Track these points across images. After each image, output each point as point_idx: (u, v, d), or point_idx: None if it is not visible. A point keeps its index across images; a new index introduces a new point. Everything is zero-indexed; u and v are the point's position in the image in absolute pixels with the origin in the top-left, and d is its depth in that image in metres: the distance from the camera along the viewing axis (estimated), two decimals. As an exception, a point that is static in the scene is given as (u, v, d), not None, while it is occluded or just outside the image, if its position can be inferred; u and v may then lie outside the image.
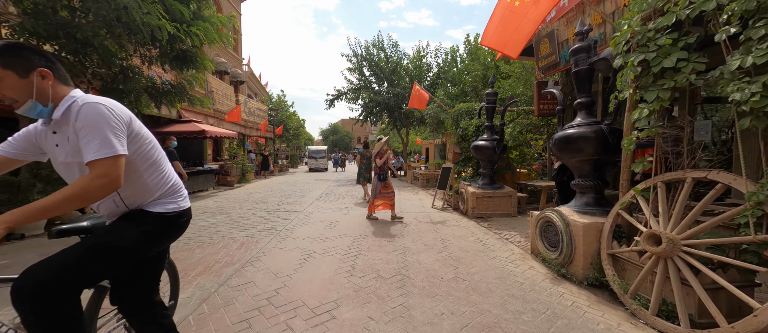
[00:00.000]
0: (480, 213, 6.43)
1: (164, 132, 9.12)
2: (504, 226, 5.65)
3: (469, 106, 8.05)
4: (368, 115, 18.25)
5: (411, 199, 9.17)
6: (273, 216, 6.45)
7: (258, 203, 8.10)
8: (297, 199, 9.00)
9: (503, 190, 6.53)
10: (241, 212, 6.84)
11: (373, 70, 17.43)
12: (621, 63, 2.83)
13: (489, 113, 6.59)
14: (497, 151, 6.36)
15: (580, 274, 3.16)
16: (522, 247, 4.38)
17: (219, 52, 16.83)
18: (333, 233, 5.08)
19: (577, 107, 3.83)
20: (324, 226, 5.62)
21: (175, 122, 9.58)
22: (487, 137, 6.56)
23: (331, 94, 18.15)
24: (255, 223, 5.73)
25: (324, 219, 6.22)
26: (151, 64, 6.03)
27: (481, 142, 6.55)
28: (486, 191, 6.45)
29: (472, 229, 5.46)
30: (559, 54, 5.71)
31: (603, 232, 3.07)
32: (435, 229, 5.48)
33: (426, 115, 13.50)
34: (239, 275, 3.29)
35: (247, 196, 9.58)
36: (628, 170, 3.05)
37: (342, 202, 8.50)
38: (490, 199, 6.45)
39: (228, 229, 5.30)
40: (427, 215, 6.72)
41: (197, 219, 6.07)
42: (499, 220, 6.21)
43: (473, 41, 19.50)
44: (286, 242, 4.55)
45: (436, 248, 4.32)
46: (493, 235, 5.06)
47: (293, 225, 5.65)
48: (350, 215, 6.61)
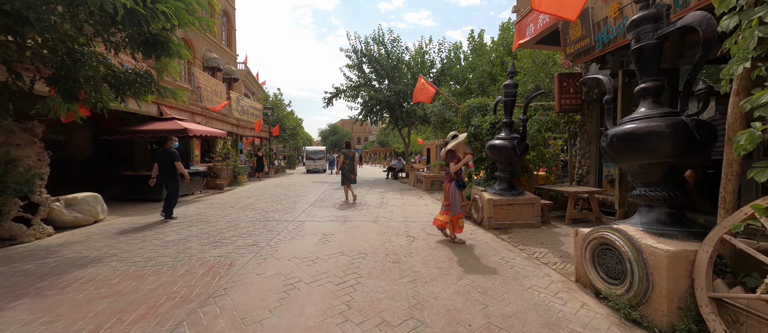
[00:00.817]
0: (497, 223, 5.56)
1: (142, 131, 8.24)
2: (529, 240, 4.77)
3: (481, 102, 7.19)
4: (368, 114, 17.39)
5: (415, 204, 8.30)
6: (258, 227, 5.57)
7: (244, 210, 7.22)
8: (289, 204, 8.12)
9: (524, 196, 5.66)
10: (222, 222, 5.96)
11: (374, 67, 16.57)
12: (734, 23, 1.96)
13: (508, 108, 5.72)
14: (518, 152, 5.49)
15: (663, 322, 2.29)
16: (561, 272, 3.50)
17: (210, 47, 15.97)
18: (326, 251, 4.21)
19: (641, 94, 2.95)
20: (316, 240, 4.74)
21: (155, 120, 8.72)
22: (506, 136, 5.69)
23: (329, 91, 17.31)
24: (235, 237, 4.85)
25: (317, 230, 5.34)
26: (117, 50, 5.16)
27: (498, 142, 5.68)
28: (504, 198, 5.58)
29: (492, 245, 4.59)
30: (594, 36, 4.84)
31: (697, 265, 2.20)
32: (447, 243, 4.61)
33: (430, 112, 12.64)
34: (192, 322, 2.41)
35: (235, 201, 8.70)
36: (735, 178, 2.17)
37: (339, 208, 7.62)
38: (509, 207, 5.58)
39: (200, 245, 4.42)
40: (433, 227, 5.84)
41: (167, 232, 5.20)
42: (520, 231, 5.34)
43: (477, 37, 18.72)
44: (267, 265, 3.67)
45: (453, 273, 3.44)
46: (518, 253, 4.19)
47: (280, 239, 4.77)
48: (348, 226, 5.74)
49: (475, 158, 6.90)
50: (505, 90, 5.66)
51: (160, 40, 5.24)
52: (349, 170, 8.40)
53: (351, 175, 8.44)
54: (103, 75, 4.79)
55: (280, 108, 21.98)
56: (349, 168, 8.38)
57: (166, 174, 6.21)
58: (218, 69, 16.10)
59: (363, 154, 50.04)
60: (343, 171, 8.42)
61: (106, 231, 5.28)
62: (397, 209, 7.51)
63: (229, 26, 18.92)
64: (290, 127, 22.40)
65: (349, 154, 8.42)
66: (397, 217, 6.53)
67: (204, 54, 15.29)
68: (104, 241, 4.63)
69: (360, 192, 10.92)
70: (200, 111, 11.01)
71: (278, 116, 21.21)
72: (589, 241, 2.97)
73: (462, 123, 7.25)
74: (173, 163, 6.21)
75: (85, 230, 5.34)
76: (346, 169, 8.39)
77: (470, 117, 7.09)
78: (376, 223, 5.94)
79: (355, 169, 8.54)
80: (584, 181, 7.07)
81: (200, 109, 11.04)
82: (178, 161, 6.23)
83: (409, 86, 15.62)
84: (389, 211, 7.29)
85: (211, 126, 11.49)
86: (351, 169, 8.40)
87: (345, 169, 8.40)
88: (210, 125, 11.35)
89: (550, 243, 4.65)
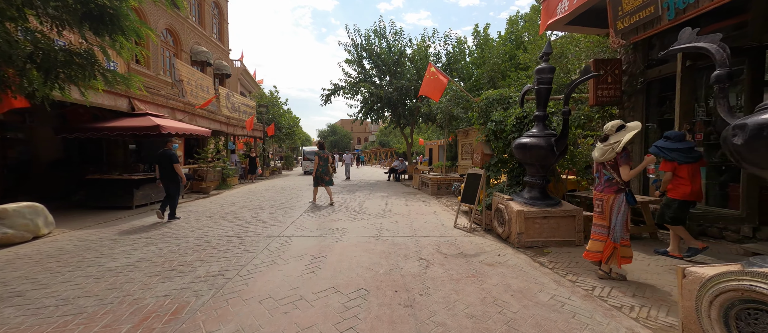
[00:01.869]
0: (530, 240, 4.49)
1: (107, 128, 7.16)
2: (577, 267, 3.70)
3: (502, 93, 6.12)
4: (368, 112, 16.30)
5: (423, 212, 7.23)
6: (233, 246, 4.49)
7: (224, 221, 6.14)
8: (278, 213, 7.04)
9: (562, 207, 4.59)
10: (191, 238, 4.89)
11: (374, 62, 15.49)
12: None
13: (541, 98, 4.65)
14: (556, 152, 4.42)
15: None
16: (651, 326, 2.43)
17: (200, 40, 14.91)
18: (314, 286, 3.14)
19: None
20: (303, 267, 3.67)
21: (125, 116, 7.64)
22: (539, 132, 4.62)
23: (327, 88, 16.21)
24: (198, 263, 3.78)
25: (306, 250, 4.27)
26: (59, 26, 4.10)
27: (529, 140, 4.61)
28: (538, 209, 4.51)
29: (530, 272, 3.52)
30: (662, 2, 3.76)
31: None
32: (474, 272, 3.54)
33: (436, 109, 11.57)
34: None
35: (217, 208, 7.63)
36: None
37: (335, 218, 6.55)
38: (544, 220, 4.51)
39: (148, 276, 3.34)
40: (452, 242, 4.77)
41: (116, 255, 4.12)
42: (559, 251, 4.27)
43: (483, 32, 17.65)
44: (226, 312, 2.60)
45: (495, 328, 2.38)
46: (572, 288, 3.11)
47: (256, 265, 3.70)
48: (344, 243, 4.67)
49: (495, 160, 5.83)
50: (539, 76, 4.58)
51: (109, 13, 4.17)
52: (324, 172, 8.07)
53: (325, 177, 8.10)
54: (28, 53, 3.71)
55: (276, 106, 20.90)
56: (324, 169, 8.07)
57: (166, 176, 6.14)
58: (208, 63, 15.03)
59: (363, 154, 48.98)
60: (317, 172, 8.08)
61: (39, 251, 4.20)
62: (403, 219, 6.44)
63: (221, 19, 17.85)
64: (287, 126, 21.31)
65: (323, 155, 8.11)
66: (403, 231, 5.47)
67: (192, 47, 14.22)
68: (25, 269, 3.55)
69: (360, 197, 9.86)
70: (183, 107, 9.94)
71: (274, 115, 20.13)
72: (719, 293, 1.89)
73: (479, 118, 6.19)
74: (172, 165, 6.12)
75: (14, 250, 4.26)
76: (320, 170, 8.06)
77: (489, 111, 6.02)
78: (379, 240, 4.87)
79: (330, 171, 8.29)
80: (623, 186, 6.00)
81: (183, 105, 9.97)
82: (177, 163, 6.14)
83: (412, 82, 14.54)
84: (394, 221, 6.22)
85: (195, 124, 10.42)
86: (325, 170, 8.09)
87: (319, 170, 8.06)
88: (194, 123, 10.28)
89: (607, 271, 3.57)
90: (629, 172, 3.07)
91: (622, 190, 3.14)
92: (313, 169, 8.25)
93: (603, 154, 3.19)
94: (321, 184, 8.17)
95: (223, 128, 12.96)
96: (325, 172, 8.08)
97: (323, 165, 8.07)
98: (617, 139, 3.10)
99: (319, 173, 8.07)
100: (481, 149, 6.05)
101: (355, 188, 12.48)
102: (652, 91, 5.60)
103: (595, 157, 3.30)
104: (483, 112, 6.13)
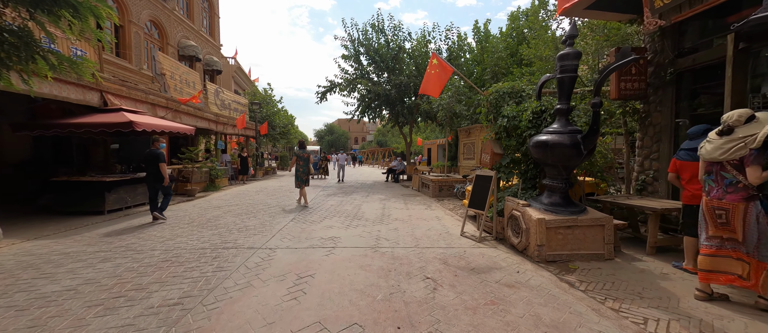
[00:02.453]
0: (552, 254, 3.87)
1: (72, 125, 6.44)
2: (613, 288, 3.08)
3: (513, 86, 5.50)
4: (365, 110, 15.63)
5: (425, 217, 6.59)
6: (205, 261, 3.83)
7: (201, 229, 5.47)
8: (265, 218, 6.38)
9: (588, 215, 3.97)
10: (158, 251, 4.22)
11: (372, 57, 14.83)
12: None
13: (565, 88, 4.02)
14: (583, 151, 3.79)
15: None
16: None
17: (188, 34, 14.18)
18: (295, 319, 2.48)
19: None
20: (284, 290, 3.02)
21: (97, 111, 6.92)
22: (561, 128, 4.00)
23: (322, 85, 15.51)
24: (155, 285, 3.11)
25: (291, 267, 3.62)
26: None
27: (549, 137, 3.98)
28: (561, 217, 3.89)
29: (560, 297, 2.90)
30: (719, -30, 3.13)
31: None
32: (493, 297, 2.90)
33: (437, 106, 10.94)
34: None
35: (199, 214, 6.94)
36: None
37: (329, 224, 5.90)
38: (568, 230, 3.89)
39: (85, 308, 2.67)
40: (461, 254, 4.14)
41: (60, 275, 3.44)
42: (587, 267, 3.65)
43: (483, 29, 17.08)
44: (175, 364, 1.95)
45: (535, 391, 1.74)
46: (614, 319, 2.49)
47: (226, 289, 3.04)
48: (337, 257, 4.02)
49: (507, 160, 5.21)
50: (563, 63, 3.95)
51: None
52: (304, 172, 7.97)
53: (304, 177, 8.03)
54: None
55: (270, 104, 20.16)
56: (304, 169, 7.97)
57: (152, 176, 6.01)
58: (197, 58, 14.30)
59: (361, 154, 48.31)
60: (297, 173, 7.98)
61: (-30, 270, 3.51)
62: (403, 226, 5.80)
63: (212, 13, 17.11)
64: (281, 125, 20.58)
65: (303, 155, 7.99)
66: (404, 240, 4.83)
67: (179, 41, 13.48)
68: (-63, 296, 2.87)
69: (356, 199, 9.21)
70: (165, 103, 9.23)
71: (267, 113, 19.40)
72: None
73: (488, 114, 5.56)
74: (157, 165, 5.96)
75: (-60, 269, 3.57)
76: (300, 170, 7.95)
77: (499, 106, 5.39)
78: (377, 252, 4.22)
79: (309, 171, 8.21)
80: (648, 189, 5.41)
81: (165, 101, 9.26)
82: (162, 163, 5.98)
83: (412, 78, 13.89)
84: (393, 229, 5.58)
85: (180, 121, 9.71)
86: (305, 170, 7.99)
87: (299, 170, 7.96)
88: (178, 120, 9.57)
89: (651, 293, 2.96)
90: (762, 173, 2.41)
91: (755, 197, 2.50)
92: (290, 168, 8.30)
93: (727, 151, 2.52)
94: (301, 185, 8.08)
95: (212, 126, 12.25)
96: (305, 172, 8.00)
97: (304, 165, 7.96)
98: (750, 132, 2.43)
99: (299, 174, 7.98)
100: (491, 148, 5.42)
101: (351, 190, 11.83)
102: (683, 83, 5.00)
103: (712, 155, 2.63)
104: (493, 107, 5.50)
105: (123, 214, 6.82)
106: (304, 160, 7.96)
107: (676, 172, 3.63)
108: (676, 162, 3.62)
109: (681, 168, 3.56)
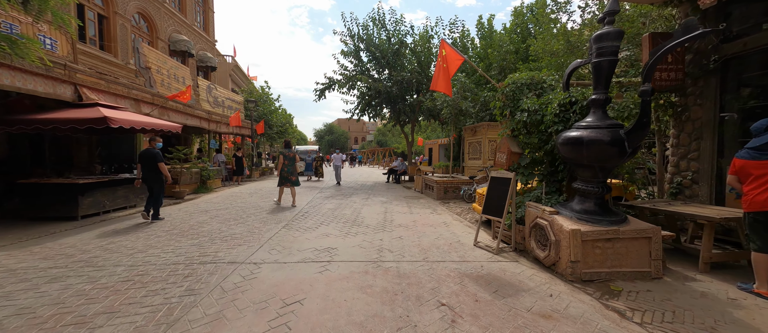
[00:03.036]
0: (589, 271, 3.24)
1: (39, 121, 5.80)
2: (678, 320, 2.46)
3: (533, 76, 4.87)
4: (365, 108, 15.00)
5: (432, 223, 5.96)
6: (173, 282, 3.20)
7: (180, 238, 4.83)
8: (255, 225, 5.75)
9: (631, 225, 3.34)
10: (118, 270, 3.59)
11: (372, 53, 14.19)
12: None
13: (601, 75, 3.40)
14: (627, 150, 3.17)
15: None
16: None
17: (179, 28, 13.55)
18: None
19: None
20: (265, 324, 2.39)
21: (69, 106, 6.28)
22: (598, 122, 3.37)
23: (320, 82, 14.88)
24: (101, 320, 2.49)
25: (276, 289, 2.99)
26: None
27: (584, 133, 3.35)
28: (599, 228, 3.27)
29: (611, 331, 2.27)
30: None
31: None
32: (524, 328, 2.28)
33: (442, 103, 10.31)
34: None
35: (183, 219, 6.32)
36: None
37: (325, 232, 5.27)
38: (608, 244, 3.26)
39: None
40: (478, 270, 3.52)
41: (-5, 297, 2.81)
42: (632, 287, 3.03)
43: (487, 24, 16.47)
44: None
45: None
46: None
47: (189, 325, 2.41)
48: (331, 275, 3.39)
49: (528, 160, 4.58)
50: (600, 44, 3.33)
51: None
52: (290, 172, 7.86)
53: (292, 177, 7.87)
54: None
55: (267, 102, 19.52)
56: (290, 169, 7.86)
57: (150, 175, 5.95)
58: (190, 54, 13.67)
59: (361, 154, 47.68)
60: (283, 173, 7.84)
61: None
62: (408, 234, 5.18)
63: (206, 7, 16.47)
64: (278, 124, 19.95)
65: (289, 154, 7.94)
66: (411, 251, 4.20)
67: (171, 35, 12.84)
68: None
69: (356, 202, 8.59)
70: (151, 99, 8.60)
71: (264, 111, 18.77)
72: None
73: (504, 108, 4.93)
74: (156, 164, 5.91)
75: None
76: (285, 170, 7.82)
77: (517, 99, 4.77)
78: (380, 268, 3.59)
79: (296, 171, 8.06)
80: (685, 193, 4.79)
81: (151, 97, 8.63)
82: (161, 162, 5.92)
83: (414, 74, 13.25)
84: (397, 237, 4.96)
85: (168, 118, 9.08)
86: (291, 170, 7.87)
87: (284, 170, 7.83)
88: (165, 117, 8.94)
89: (730, 329, 2.33)
90: None
91: None
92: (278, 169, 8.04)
93: None
94: (286, 185, 7.91)
95: (204, 125, 11.61)
96: (291, 172, 7.86)
97: (289, 164, 7.84)
98: None
99: (284, 174, 7.83)
100: (508, 147, 4.79)
101: (350, 192, 11.20)
102: (729, 72, 4.38)
103: None
104: (509, 100, 4.87)
105: (99, 220, 6.19)
106: (290, 160, 7.86)
107: (738, 173, 3.02)
108: (738, 162, 3.01)
109: (744, 168, 2.95)
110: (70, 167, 8.10)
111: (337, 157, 14.81)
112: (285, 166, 7.85)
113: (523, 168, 4.64)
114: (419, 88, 14.09)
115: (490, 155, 10.81)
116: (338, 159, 14.65)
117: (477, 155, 11.23)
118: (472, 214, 6.99)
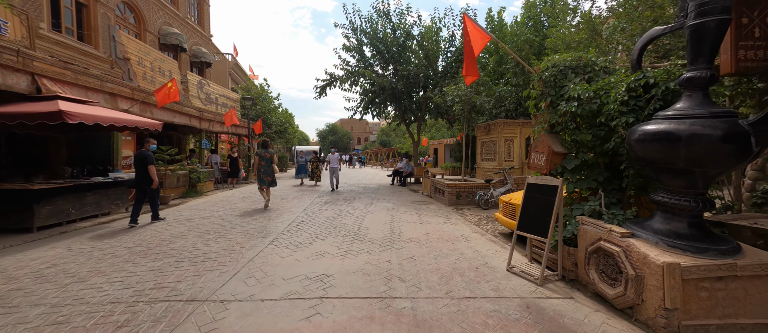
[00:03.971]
0: (693, 323, 2.25)
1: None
2: None
3: (579, 57, 3.88)
4: (368, 106, 14.04)
5: (447, 236, 4.97)
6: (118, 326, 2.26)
7: (140, 259, 3.90)
8: (237, 239, 4.81)
9: (749, 258, 2.35)
10: (29, 316, 2.66)
11: (376, 47, 13.24)
12: None
13: (705, 43, 2.41)
14: (755, 148, 2.18)
15: None
16: None
17: (171, 20, 12.70)
18: None
19: None
20: None
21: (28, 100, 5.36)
22: (699, 108, 2.39)
23: (321, 79, 13.96)
24: None
25: (239, 354, 2.04)
26: None
27: (680, 126, 2.37)
28: (705, 260, 2.28)
29: None
30: None
31: None
32: None
33: (453, 98, 9.32)
34: None
35: (154, 233, 5.40)
36: None
37: (320, 250, 4.30)
38: (719, 284, 2.27)
39: None
40: (522, 312, 2.54)
41: None
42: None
43: (497, 18, 15.46)
44: None
45: None
46: None
47: None
48: (323, 322, 2.43)
49: (580, 161, 3.58)
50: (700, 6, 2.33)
51: None
52: (266, 172, 7.75)
53: (267, 178, 7.78)
54: None
55: (266, 101, 18.65)
56: (266, 170, 7.74)
57: (141, 177, 5.88)
58: (182, 48, 12.82)
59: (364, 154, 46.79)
60: (259, 173, 7.76)
61: None
62: (422, 252, 4.21)
63: (201, 0, 15.63)
64: (277, 123, 19.07)
65: (265, 155, 7.77)
66: (428, 280, 3.23)
67: (161, 28, 11.99)
68: None
69: (358, 209, 7.63)
70: (130, 93, 7.71)
71: (263, 110, 17.89)
72: None
73: (542, 98, 3.96)
74: (146, 167, 5.80)
75: None
76: (261, 171, 7.73)
77: (560, 85, 3.78)
78: (389, 310, 2.63)
79: (273, 172, 7.88)
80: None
81: (130, 91, 7.74)
82: (151, 165, 5.85)
83: (421, 69, 12.27)
84: (408, 257, 3.99)
85: (151, 115, 8.20)
86: (267, 171, 7.75)
87: (260, 171, 7.73)
88: (147, 114, 8.05)
89: None
90: None
91: None
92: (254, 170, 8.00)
93: None
94: (263, 185, 7.81)
95: (195, 123, 10.73)
96: (267, 172, 7.75)
97: (266, 166, 7.73)
98: None
99: (260, 175, 7.74)
100: (548, 145, 3.80)
101: (353, 196, 10.24)
102: None
103: None
104: (549, 88, 3.88)
105: (60, 231, 5.30)
106: (266, 160, 7.75)
107: None
108: None
109: None
110: (44, 170, 7.24)
111: (334, 157, 11.87)
112: (261, 166, 7.75)
113: (570, 172, 3.64)
114: (426, 84, 13.11)
115: (506, 156, 9.79)
116: (335, 160, 11.76)
117: (491, 156, 10.22)
118: (493, 224, 6.01)
